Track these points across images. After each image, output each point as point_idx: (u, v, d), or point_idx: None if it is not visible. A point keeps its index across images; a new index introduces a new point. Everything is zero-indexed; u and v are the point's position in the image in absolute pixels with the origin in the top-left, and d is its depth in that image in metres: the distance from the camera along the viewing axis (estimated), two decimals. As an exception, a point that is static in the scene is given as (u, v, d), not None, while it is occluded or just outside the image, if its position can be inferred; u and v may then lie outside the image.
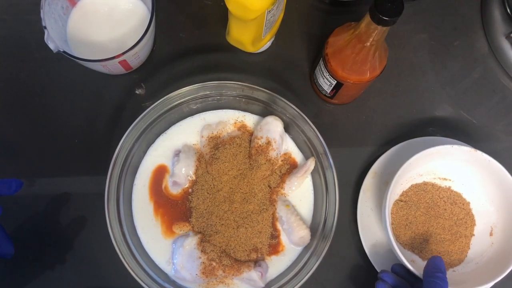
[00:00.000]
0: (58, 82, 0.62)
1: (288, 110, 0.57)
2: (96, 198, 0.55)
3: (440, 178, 0.60)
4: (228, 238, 0.55)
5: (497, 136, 0.64)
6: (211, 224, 0.55)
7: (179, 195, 0.57)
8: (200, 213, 0.56)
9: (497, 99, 0.66)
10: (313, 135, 0.56)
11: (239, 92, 0.58)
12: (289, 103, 0.57)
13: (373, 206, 0.59)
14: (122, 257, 0.51)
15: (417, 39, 0.67)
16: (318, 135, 0.56)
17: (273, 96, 0.57)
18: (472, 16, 0.68)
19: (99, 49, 0.58)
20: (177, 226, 0.56)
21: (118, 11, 0.59)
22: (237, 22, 0.56)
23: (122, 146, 0.54)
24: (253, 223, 0.55)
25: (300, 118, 0.57)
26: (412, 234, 0.58)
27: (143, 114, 0.55)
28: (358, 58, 0.51)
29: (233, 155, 0.56)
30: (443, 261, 0.50)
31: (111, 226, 0.52)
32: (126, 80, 0.62)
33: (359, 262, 0.59)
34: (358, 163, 0.62)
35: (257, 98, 0.58)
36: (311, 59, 0.65)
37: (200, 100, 0.58)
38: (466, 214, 0.59)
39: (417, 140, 0.61)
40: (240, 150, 0.57)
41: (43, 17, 0.52)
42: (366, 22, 0.46)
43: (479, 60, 0.67)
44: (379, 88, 0.64)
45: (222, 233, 0.55)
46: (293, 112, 0.57)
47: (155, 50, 0.63)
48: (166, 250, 0.56)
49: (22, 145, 0.60)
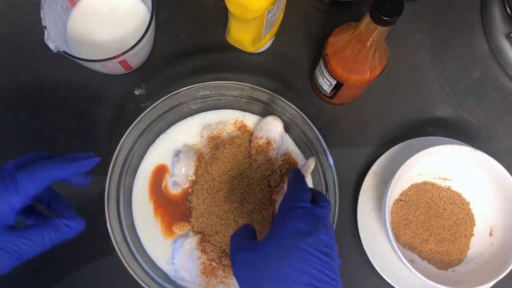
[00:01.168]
0: (58, 82, 0.62)
1: (288, 110, 0.57)
2: (96, 198, 0.55)
3: (440, 178, 0.60)
4: (228, 238, 0.55)
5: (497, 136, 0.64)
6: (211, 224, 0.55)
7: (179, 195, 0.57)
8: (200, 213, 0.56)
9: (497, 99, 0.66)
10: (313, 135, 0.56)
11: (239, 92, 0.58)
12: (289, 103, 0.57)
13: (373, 206, 0.59)
14: (122, 257, 0.51)
15: (417, 39, 0.67)
16: (318, 135, 0.56)
17: (273, 96, 0.57)
18: (472, 16, 0.68)
19: (99, 49, 0.58)
20: (177, 226, 0.56)
21: (118, 11, 0.59)
22: (237, 22, 0.56)
23: (122, 146, 0.54)
24: (253, 222, 0.55)
25: (300, 118, 0.57)
26: (412, 233, 0.58)
27: (143, 114, 0.55)
28: (358, 58, 0.51)
29: (233, 155, 0.56)
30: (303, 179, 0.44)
31: (111, 226, 0.52)
32: (126, 80, 0.62)
33: (359, 262, 0.59)
34: (358, 163, 0.62)
35: (257, 98, 0.58)
36: (311, 59, 0.65)
37: (200, 100, 0.58)
38: (466, 214, 0.59)
39: (417, 140, 0.61)
40: (240, 150, 0.57)
41: (43, 17, 0.52)
42: (366, 22, 0.46)
43: (479, 60, 0.67)
44: (379, 88, 0.64)
45: (222, 233, 0.55)
46: (293, 112, 0.57)
47: (155, 50, 0.63)
48: (166, 250, 0.56)
49: (22, 145, 0.60)
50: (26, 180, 0.38)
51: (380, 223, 0.59)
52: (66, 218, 0.41)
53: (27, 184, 0.38)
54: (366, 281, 0.58)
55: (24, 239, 0.38)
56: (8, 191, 0.37)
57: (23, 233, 0.38)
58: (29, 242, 0.38)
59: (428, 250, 0.58)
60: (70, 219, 0.41)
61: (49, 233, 0.40)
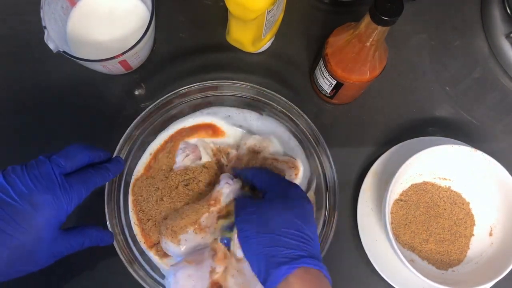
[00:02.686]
0: (57, 82, 0.62)
1: (288, 110, 0.57)
2: (96, 198, 0.54)
3: (440, 178, 0.60)
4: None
5: (497, 136, 0.64)
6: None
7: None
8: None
9: (497, 99, 0.66)
10: (313, 135, 0.56)
11: (239, 92, 0.58)
12: (289, 103, 0.57)
13: (373, 206, 0.59)
14: (122, 258, 0.51)
15: (417, 39, 0.67)
16: (318, 135, 0.56)
17: (273, 96, 0.57)
18: (472, 16, 0.68)
19: (99, 49, 0.58)
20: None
21: (118, 11, 0.59)
22: (237, 22, 0.56)
23: (121, 146, 0.54)
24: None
25: (300, 118, 0.57)
26: (411, 233, 0.58)
27: (142, 114, 0.55)
28: (358, 58, 0.51)
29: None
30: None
31: (111, 225, 0.52)
32: (126, 80, 0.62)
33: (359, 262, 0.59)
34: (358, 163, 0.62)
35: (257, 98, 0.58)
36: (311, 59, 0.65)
37: (200, 100, 0.58)
38: (465, 214, 0.59)
39: (417, 140, 0.61)
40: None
41: (43, 17, 0.52)
42: (366, 22, 0.47)
43: (479, 60, 0.67)
44: (379, 88, 0.64)
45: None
46: (293, 112, 0.57)
47: (155, 50, 0.63)
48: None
49: (22, 145, 0.60)
50: (80, 187, 0.43)
51: (380, 223, 0.59)
52: (98, 230, 0.48)
53: (81, 191, 0.44)
54: (366, 281, 0.58)
55: (67, 243, 0.44)
56: (64, 196, 0.42)
57: (68, 237, 0.44)
58: (69, 246, 0.44)
59: (428, 250, 0.58)
60: (102, 231, 0.48)
61: (85, 242, 0.46)
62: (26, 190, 0.40)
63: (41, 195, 0.41)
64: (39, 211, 0.40)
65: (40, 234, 0.41)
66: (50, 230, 0.42)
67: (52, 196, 0.41)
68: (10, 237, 0.39)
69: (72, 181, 0.43)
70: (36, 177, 0.41)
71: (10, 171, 0.41)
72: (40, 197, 0.41)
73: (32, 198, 0.40)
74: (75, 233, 0.45)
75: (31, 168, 0.42)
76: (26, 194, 0.40)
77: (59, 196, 0.42)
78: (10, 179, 0.41)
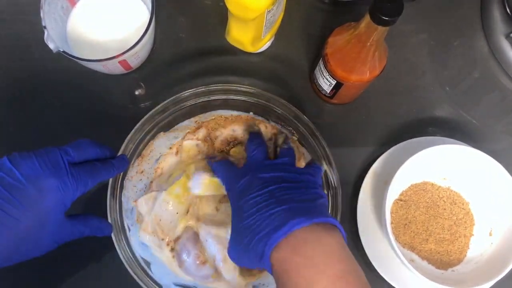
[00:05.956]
0: (58, 82, 0.62)
1: (288, 111, 0.57)
2: (97, 199, 0.55)
3: (440, 177, 0.60)
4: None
5: (497, 136, 0.64)
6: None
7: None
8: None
9: (497, 99, 0.66)
10: (313, 135, 0.56)
11: (238, 93, 0.58)
12: (289, 104, 0.57)
13: (373, 206, 0.60)
14: (122, 257, 0.51)
15: (417, 39, 0.67)
16: (318, 135, 0.56)
17: (273, 96, 0.57)
18: (472, 16, 0.68)
19: (99, 49, 0.58)
20: None
21: (118, 11, 0.59)
22: (237, 22, 0.56)
23: (123, 150, 0.54)
24: None
25: (300, 118, 0.57)
26: (411, 233, 0.58)
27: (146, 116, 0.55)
28: (358, 58, 0.51)
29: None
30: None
31: (112, 220, 0.52)
32: (126, 80, 0.62)
33: (359, 262, 0.58)
34: (358, 163, 0.62)
35: (257, 97, 0.58)
36: (311, 59, 0.65)
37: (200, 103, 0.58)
38: (465, 214, 0.59)
39: (417, 140, 0.61)
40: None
41: (43, 17, 0.52)
42: (366, 22, 0.46)
43: (479, 60, 0.67)
44: (379, 88, 0.64)
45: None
46: (293, 112, 0.57)
47: (155, 50, 0.63)
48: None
49: (22, 145, 0.59)
50: (86, 177, 0.44)
51: (380, 223, 0.59)
52: (100, 221, 0.49)
53: (87, 181, 0.44)
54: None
55: (69, 230, 0.45)
56: (71, 182, 0.43)
57: (71, 224, 0.45)
58: (71, 233, 0.45)
59: (428, 250, 0.58)
60: (103, 222, 0.49)
61: (86, 231, 0.46)
62: (34, 174, 0.41)
63: (49, 179, 0.41)
64: (46, 196, 0.41)
65: (46, 219, 0.41)
66: (56, 216, 0.42)
67: (59, 181, 0.42)
68: (17, 222, 0.39)
69: (80, 171, 0.44)
70: (44, 162, 0.42)
71: (17, 156, 0.41)
72: (48, 182, 0.41)
73: (40, 182, 0.41)
74: (78, 221, 0.46)
75: (40, 154, 0.42)
76: (33, 178, 0.40)
77: (66, 182, 0.42)
78: (17, 162, 0.41)
